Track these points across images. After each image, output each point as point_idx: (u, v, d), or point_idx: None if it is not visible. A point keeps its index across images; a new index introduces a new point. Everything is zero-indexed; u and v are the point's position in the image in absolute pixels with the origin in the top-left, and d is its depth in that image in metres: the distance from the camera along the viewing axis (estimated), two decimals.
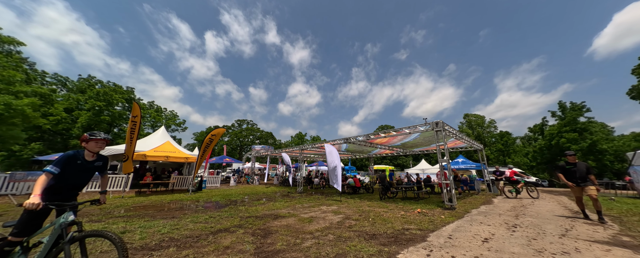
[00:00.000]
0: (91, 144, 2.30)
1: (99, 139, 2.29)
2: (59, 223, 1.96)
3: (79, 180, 2.32)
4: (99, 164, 2.43)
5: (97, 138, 2.28)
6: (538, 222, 4.98)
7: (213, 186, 14.29)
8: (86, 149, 2.31)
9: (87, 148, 2.31)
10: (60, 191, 2.18)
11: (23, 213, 1.94)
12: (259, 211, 5.97)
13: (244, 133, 52.57)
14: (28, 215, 1.94)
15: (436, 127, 7.72)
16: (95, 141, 2.30)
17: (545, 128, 30.73)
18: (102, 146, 2.35)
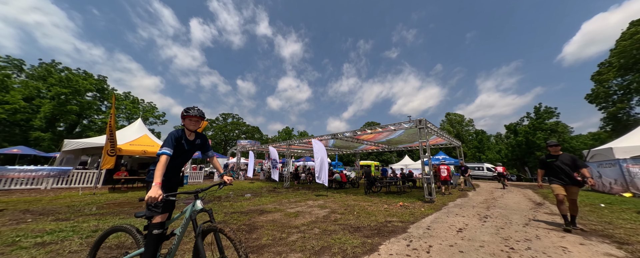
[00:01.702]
0: (187, 122, 2.09)
1: (193, 117, 2.07)
2: (189, 211, 1.82)
3: (183, 161, 2.15)
4: (199, 143, 2.22)
5: (191, 114, 2.05)
6: (506, 213, 5.44)
7: (196, 182, 13.80)
8: (186, 128, 2.12)
9: (186, 126, 2.11)
10: (168, 175, 1.99)
11: (149, 204, 1.77)
12: (244, 207, 5.88)
13: (229, 127, 50.95)
14: (153, 205, 1.79)
15: (419, 125, 8.04)
16: (190, 119, 2.08)
17: (518, 127, 33.24)
18: (197, 124, 2.13)
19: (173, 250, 1.81)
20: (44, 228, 3.66)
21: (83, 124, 29.45)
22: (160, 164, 1.77)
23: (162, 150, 1.83)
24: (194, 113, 2.06)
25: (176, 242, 1.81)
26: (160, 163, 1.77)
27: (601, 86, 24.26)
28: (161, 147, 1.86)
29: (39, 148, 22.93)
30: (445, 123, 47.83)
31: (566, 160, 4.11)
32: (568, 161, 4.10)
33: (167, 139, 1.91)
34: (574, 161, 4.07)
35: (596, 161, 10.63)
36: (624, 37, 22.22)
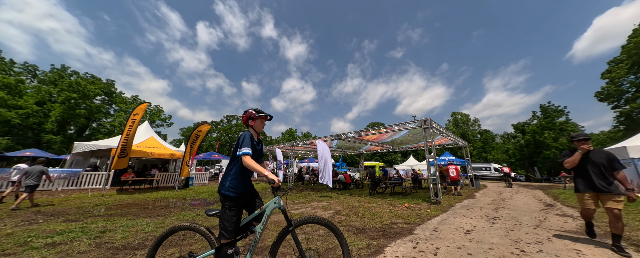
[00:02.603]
0: (258, 123, 2.08)
1: (265, 117, 2.09)
2: (270, 208, 1.86)
3: (257, 162, 2.06)
4: (260, 146, 2.14)
5: (264, 115, 2.06)
6: (515, 214, 5.30)
7: (201, 183, 13.94)
8: (253, 129, 2.07)
9: (254, 127, 2.07)
10: (246, 175, 1.97)
11: (225, 212, 1.79)
12: None
13: (233, 128, 51.46)
14: (229, 213, 1.79)
15: (424, 124, 7.94)
16: (261, 120, 2.07)
17: (526, 127, 32.54)
18: (264, 126, 2.14)
19: (253, 247, 1.81)
20: (55, 228, 3.74)
21: (92, 127, 30.21)
22: (252, 161, 1.76)
23: (244, 150, 1.79)
24: (267, 114, 2.09)
25: (257, 238, 1.82)
26: (251, 162, 1.76)
27: (612, 84, 23.52)
28: (240, 148, 1.81)
29: (51, 150, 23.60)
30: (450, 123, 47.18)
31: (600, 157, 3.02)
32: (603, 158, 3.01)
33: (244, 141, 1.86)
34: (611, 160, 3.01)
35: None
36: (635, 34, 21.56)
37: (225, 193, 1.82)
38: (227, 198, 1.81)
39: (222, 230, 1.75)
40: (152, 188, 10.55)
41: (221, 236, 1.75)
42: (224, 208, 1.80)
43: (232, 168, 1.91)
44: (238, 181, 1.87)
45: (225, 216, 1.77)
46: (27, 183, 5.68)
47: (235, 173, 1.89)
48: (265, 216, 1.85)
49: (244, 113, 2.14)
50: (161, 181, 11.39)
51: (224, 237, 1.74)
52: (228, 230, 1.74)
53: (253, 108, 2.13)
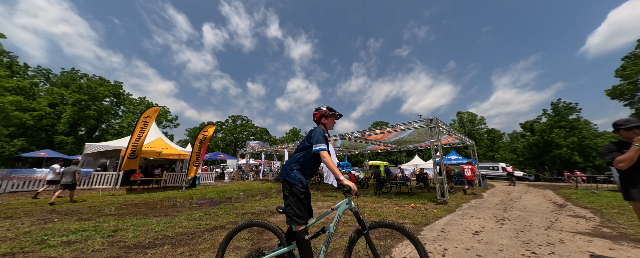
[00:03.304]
0: (330, 121, 2.13)
1: (337, 116, 2.14)
2: (341, 208, 1.85)
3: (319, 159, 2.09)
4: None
5: (336, 113, 2.11)
6: (525, 215, 5.19)
7: (207, 183, 14.13)
8: (324, 127, 2.09)
9: (326, 125, 2.11)
10: (313, 170, 2.00)
11: (293, 199, 1.79)
12: (254, 208, 5.96)
13: (238, 129, 51.98)
14: (298, 199, 1.80)
15: (430, 124, 7.84)
16: (334, 118, 2.12)
17: (535, 125, 31.76)
18: (335, 124, 2.22)
19: (326, 246, 1.80)
20: (69, 227, 3.86)
21: (101, 128, 30.98)
22: (329, 159, 1.77)
23: (321, 146, 1.81)
24: (338, 113, 2.13)
25: (328, 238, 1.81)
26: (329, 159, 1.77)
27: (626, 82, 22.68)
28: (317, 143, 1.83)
29: (63, 151, 24.34)
30: (455, 122, 46.45)
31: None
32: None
33: (318, 137, 1.89)
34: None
35: None
36: None
37: (291, 181, 1.83)
38: (293, 185, 1.82)
39: (294, 217, 1.74)
40: (160, 188, 10.76)
41: (294, 223, 1.74)
42: (292, 195, 1.79)
43: (299, 158, 1.92)
44: (304, 171, 1.90)
45: (295, 203, 1.77)
46: (64, 181, 6.55)
47: (304, 163, 1.91)
48: (337, 216, 1.87)
49: (316, 110, 2.18)
50: (168, 181, 11.60)
51: (298, 223, 1.73)
52: (299, 215, 1.75)
53: (324, 106, 2.17)
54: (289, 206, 1.77)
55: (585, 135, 26.61)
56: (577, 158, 25.62)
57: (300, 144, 2.00)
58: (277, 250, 1.86)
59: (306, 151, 1.93)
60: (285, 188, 1.84)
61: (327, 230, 1.84)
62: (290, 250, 1.81)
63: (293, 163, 1.92)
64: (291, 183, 1.82)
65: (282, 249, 1.83)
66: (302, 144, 1.98)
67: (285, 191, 1.84)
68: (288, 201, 1.79)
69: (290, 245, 1.83)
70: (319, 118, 2.14)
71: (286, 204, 1.80)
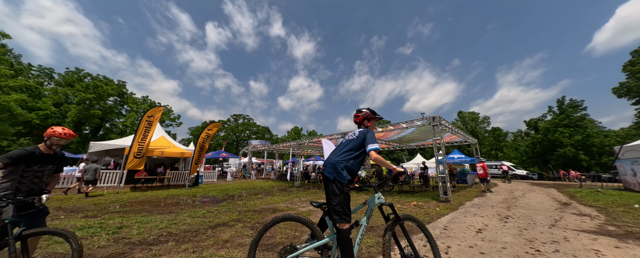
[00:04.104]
0: (373, 123, 2.33)
1: (378, 118, 2.36)
2: (374, 203, 1.97)
3: None
4: None
5: (378, 117, 2.34)
6: (529, 213, 5.15)
7: (209, 182, 14.24)
8: (370, 129, 2.26)
9: (369, 127, 2.27)
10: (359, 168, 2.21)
11: (343, 197, 1.86)
12: (257, 206, 5.99)
13: (240, 128, 52.20)
14: (347, 198, 1.89)
15: (433, 122, 7.79)
16: (375, 121, 2.35)
17: (539, 123, 31.40)
18: (375, 126, 2.45)
19: (360, 239, 1.90)
20: (75, 224, 3.92)
21: (105, 127, 31.31)
22: (380, 156, 1.89)
23: (374, 146, 1.92)
24: (379, 116, 2.35)
25: (362, 231, 1.90)
26: (380, 156, 1.90)
27: (634, 79, 22.20)
28: (371, 143, 1.94)
29: (68, 150, 24.67)
30: (457, 121, 46.07)
31: None
32: None
33: (372, 138, 2.00)
34: None
35: (630, 158, 9.82)
36: None
37: (342, 181, 1.87)
38: (344, 184, 1.87)
39: (343, 215, 1.78)
40: (164, 186, 10.86)
41: (342, 221, 1.78)
42: (343, 194, 1.84)
43: (349, 158, 1.97)
44: (353, 171, 1.96)
45: (344, 202, 1.82)
46: (87, 178, 7.40)
47: (354, 163, 1.98)
48: (370, 211, 1.96)
49: (358, 112, 2.29)
50: (172, 180, 11.71)
51: (346, 221, 1.78)
52: (348, 213, 1.81)
53: (365, 108, 2.29)
54: (339, 205, 1.80)
55: (590, 133, 26.22)
56: (582, 156, 25.28)
57: (348, 145, 2.05)
58: (313, 243, 1.88)
59: (357, 152, 2.00)
60: (336, 186, 1.85)
61: (361, 224, 1.92)
62: (325, 243, 1.86)
63: (343, 163, 1.94)
64: (342, 182, 1.86)
65: (318, 242, 1.85)
66: (350, 145, 2.03)
67: (335, 189, 1.85)
68: (338, 200, 1.81)
69: (323, 238, 1.87)
70: (361, 120, 2.24)
71: (336, 203, 1.82)
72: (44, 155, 2.07)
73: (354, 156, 1.98)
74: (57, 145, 2.13)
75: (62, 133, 2.11)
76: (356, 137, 2.06)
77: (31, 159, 1.97)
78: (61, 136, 2.11)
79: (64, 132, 2.13)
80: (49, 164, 2.12)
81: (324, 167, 2.05)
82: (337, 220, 1.79)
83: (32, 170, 2.00)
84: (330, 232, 1.91)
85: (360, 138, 2.03)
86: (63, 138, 2.12)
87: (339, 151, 2.06)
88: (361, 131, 2.08)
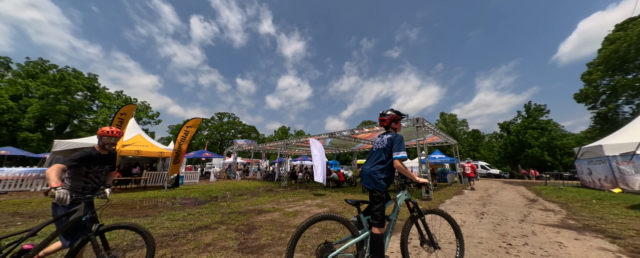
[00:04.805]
0: (399, 125, 2.34)
1: (402, 117, 2.37)
2: (401, 199, 2.13)
3: None
4: None
5: (403, 115, 2.36)
6: (502, 209, 5.53)
7: (191, 183, 13.61)
8: (395, 131, 2.30)
9: (396, 129, 2.31)
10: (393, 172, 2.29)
11: (382, 205, 2.02)
12: (242, 207, 5.82)
13: (224, 126, 50.49)
14: (384, 205, 2.03)
15: (417, 123, 8.09)
16: (401, 122, 2.62)
17: (511, 126, 33.92)
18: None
19: (390, 232, 2.07)
20: None
21: (73, 124, 28.70)
22: (404, 166, 2.05)
23: (400, 154, 2.01)
24: (403, 114, 2.37)
25: (392, 224, 2.08)
26: (403, 166, 2.04)
27: (590, 87, 24.83)
28: (400, 151, 2.02)
29: (28, 148, 22.25)
30: (439, 123, 48.42)
31: None
32: None
33: (399, 145, 2.06)
34: None
35: (586, 158, 10.91)
36: (609, 39, 22.85)
37: (379, 189, 2.00)
38: (382, 192, 2.01)
39: (380, 220, 1.95)
40: (140, 188, 10.18)
41: (379, 226, 1.94)
42: (382, 202, 1.99)
43: (383, 168, 2.07)
44: (388, 178, 2.08)
45: (382, 209, 1.98)
46: None
47: (387, 171, 2.08)
48: (398, 206, 2.12)
49: (382, 116, 2.28)
50: (149, 181, 11.01)
51: (381, 226, 1.93)
52: (384, 220, 1.97)
53: (390, 109, 2.30)
54: (378, 210, 1.96)
55: (554, 136, 28.86)
56: (547, 157, 27.71)
57: (379, 154, 2.14)
58: (350, 239, 2.00)
59: (389, 160, 2.09)
60: (376, 195, 2.00)
61: (391, 219, 2.09)
62: (360, 240, 1.98)
63: (379, 172, 2.06)
64: (380, 190, 2.01)
65: (355, 239, 1.97)
66: (381, 154, 2.12)
67: (374, 198, 2.01)
68: (378, 207, 1.98)
69: (358, 235, 1.99)
70: (389, 123, 2.26)
71: (376, 209, 1.98)
72: (101, 156, 2.16)
73: (387, 164, 2.08)
74: (108, 144, 2.20)
75: (110, 131, 2.17)
76: (386, 146, 2.12)
77: (91, 160, 2.05)
78: (110, 135, 2.17)
79: (111, 130, 2.19)
80: (106, 164, 2.21)
81: (361, 178, 2.19)
82: (375, 224, 1.95)
83: (93, 171, 2.09)
84: (365, 227, 2.06)
85: (389, 146, 2.10)
86: (113, 136, 2.18)
87: (373, 161, 2.16)
88: (389, 139, 2.13)
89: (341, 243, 2.02)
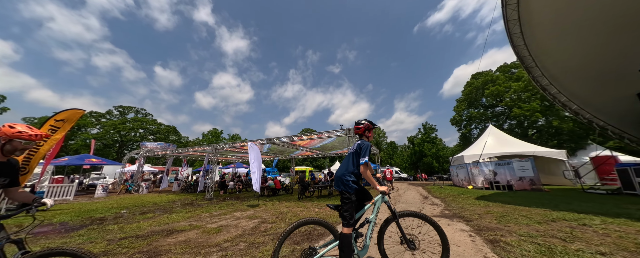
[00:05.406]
0: (371, 133, 2.50)
1: (374, 127, 2.53)
2: (379, 202, 2.26)
3: None
4: None
5: (376, 126, 2.52)
6: (406, 206, 6.87)
7: (63, 201, 9.60)
8: (368, 139, 2.45)
9: (369, 138, 2.47)
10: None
11: (350, 205, 2.12)
12: (143, 229, 4.56)
13: (129, 124, 39.31)
14: (352, 205, 2.14)
15: (349, 133, 9.03)
16: (373, 131, 2.52)
17: (415, 140, 43.58)
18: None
19: (370, 233, 2.20)
20: None
21: None
22: (369, 171, 2.19)
23: (364, 159, 2.16)
24: (376, 125, 2.52)
25: (372, 226, 2.22)
26: (370, 171, 2.21)
27: (458, 115, 35.86)
28: (365, 156, 2.17)
29: None
30: None
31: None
32: None
33: (367, 150, 2.21)
34: None
35: (455, 165, 15.37)
36: (468, 83, 34.14)
37: (348, 190, 2.16)
38: (347, 193, 2.15)
39: (348, 220, 2.06)
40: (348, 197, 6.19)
41: (348, 225, 2.05)
42: (351, 202, 2.12)
43: (351, 171, 2.26)
44: (357, 181, 2.27)
45: (350, 209, 2.10)
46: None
47: (356, 174, 2.27)
48: (377, 208, 2.24)
49: (358, 124, 2.47)
50: None
51: (349, 225, 2.05)
52: (352, 220, 2.08)
53: (364, 119, 2.48)
54: (347, 211, 2.10)
55: (439, 148, 39.34)
56: (435, 164, 37.22)
57: (349, 158, 2.33)
58: (333, 242, 2.12)
59: (358, 163, 2.26)
60: (345, 196, 2.16)
61: (370, 221, 2.25)
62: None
63: (348, 175, 2.24)
64: (349, 191, 2.16)
65: (333, 244, 2.12)
66: (351, 158, 2.31)
67: (344, 199, 2.16)
68: (346, 207, 2.11)
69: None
70: (363, 131, 2.46)
71: (345, 209, 2.11)
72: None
73: (355, 167, 2.27)
74: (21, 150, 1.63)
75: (32, 135, 1.62)
76: (355, 151, 2.31)
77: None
78: (31, 139, 1.61)
79: (35, 134, 1.64)
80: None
81: (334, 182, 2.35)
82: (344, 224, 2.08)
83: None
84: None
85: (358, 151, 2.28)
86: (33, 141, 1.63)
87: (344, 165, 2.34)
88: (358, 145, 2.31)
89: (324, 247, 2.11)
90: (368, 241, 2.16)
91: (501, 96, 30.02)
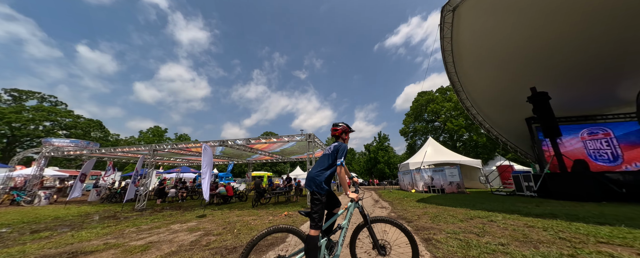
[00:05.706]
0: (348, 137, 2.53)
1: (351, 131, 2.59)
2: (352, 207, 2.26)
3: None
4: None
5: (353, 130, 2.58)
6: None
7: None
8: (344, 141, 2.45)
9: (345, 140, 2.46)
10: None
11: (320, 206, 2.08)
12: (36, 252, 3.42)
13: (29, 114, 30.13)
14: (322, 207, 2.10)
15: (309, 138, 9.06)
16: (350, 133, 2.56)
17: (370, 148, 47.19)
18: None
19: (342, 239, 2.17)
20: None
21: None
22: (344, 174, 2.16)
23: (342, 161, 2.16)
24: (353, 129, 2.56)
25: (344, 231, 2.20)
26: (344, 174, 2.17)
27: (406, 127, 40.86)
28: (341, 158, 2.17)
29: None
30: (329, 140, 58.04)
31: None
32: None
33: (344, 152, 2.21)
34: None
35: (402, 171, 17.23)
36: (415, 100, 39.46)
37: (320, 191, 2.10)
38: (318, 194, 2.10)
39: (317, 222, 1.98)
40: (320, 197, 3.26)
41: (316, 227, 1.96)
42: (319, 203, 2.05)
43: (325, 171, 2.21)
44: (329, 182, 2.22)
45: (320, 211, 2.03)
46: None
47: (328, 176, 2.21)
48: (349, 214, 2.24)
49: (335, 126, 2.49)
50: None
51: (317, 228, 1.97)
52: (318, 222, 1.99)
53: (342, 122, 2.51)
54: (316, 213, 2.01)
55: (391, 156, 43.65)
56: (386, 170, 40.97)
57: (325, 159, 2.28)
58: (300, 253, 2.02)
59: (333, 166, 2.23)
60: (316, 197, 2.09)
61: (343, 227, 2.20)
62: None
63: (320, 175, 2.18)
64: (320, 193, 2.10)
65: (301, 253, 2.02)
66: (327, 159, 2.27)
67: (315, 200, 2.08)
68: (316, 209, 2.04)
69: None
70: (340, 133, 2.46)
71: (314, 211, 2.03)
72: None
73: (330, 170, 2.23)
74: None
75: None
76: (331, 152, 2.29)
77: None
78: None
79: None
80: None
81: (306, 181, 2.28)
82: (311, 226, 2.00)
83: None
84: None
85: (334, 152, 2.26)
86: None
87: (318, 165, 2.29)
88: (335, 146, 2.30)
89: (294, 255, 2.03)
90: (340, 248, 2.14)
91: (438, 113, 35.83)
